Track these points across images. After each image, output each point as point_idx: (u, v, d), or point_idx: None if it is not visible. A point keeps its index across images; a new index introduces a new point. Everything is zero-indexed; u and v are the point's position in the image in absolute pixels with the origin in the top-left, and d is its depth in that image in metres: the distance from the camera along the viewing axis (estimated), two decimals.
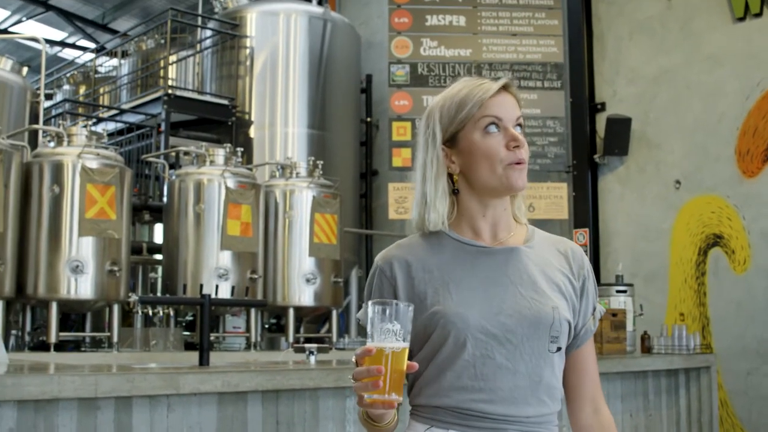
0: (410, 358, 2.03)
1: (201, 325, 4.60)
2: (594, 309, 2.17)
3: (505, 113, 2.05)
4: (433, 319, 2.01)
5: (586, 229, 9.50)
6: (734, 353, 8.23)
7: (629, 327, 7.05)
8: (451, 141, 2.09)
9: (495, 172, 2.03)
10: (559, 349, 2.04)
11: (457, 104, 2.07)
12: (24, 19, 17.48)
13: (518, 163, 2.02)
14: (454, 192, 2.11)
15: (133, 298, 6.44)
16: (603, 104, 9.73)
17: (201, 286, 8.00)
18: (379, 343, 1.78)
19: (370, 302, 1.83)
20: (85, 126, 7.96)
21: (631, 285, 7.51)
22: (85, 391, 3.49)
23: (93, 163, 7.53)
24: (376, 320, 1.79)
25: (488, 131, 2.04)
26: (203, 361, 4.44)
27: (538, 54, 9.80)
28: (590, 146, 9.68)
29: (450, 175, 2.10)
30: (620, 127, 9.34)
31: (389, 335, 1.78)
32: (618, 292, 7.33)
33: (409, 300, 2.02)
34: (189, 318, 8.96)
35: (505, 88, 2.08)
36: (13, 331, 7.79)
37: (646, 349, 7.28)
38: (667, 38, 9.27)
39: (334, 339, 9.12)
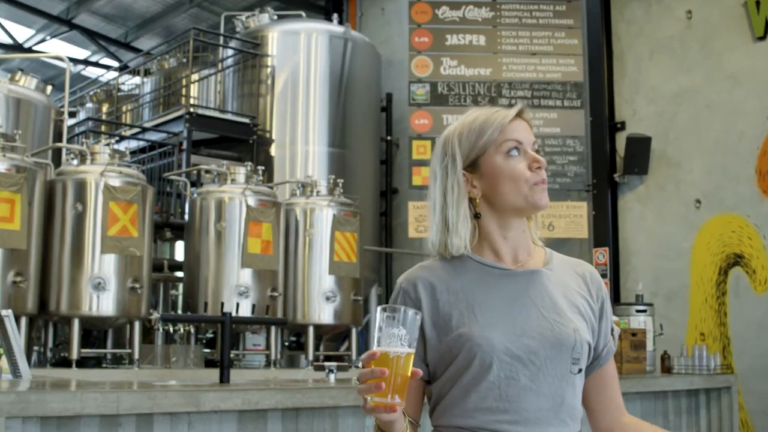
0: (434, 379, 2.09)
1: (222, 342, 4.64)
2: (612, 329, 2.22)
3: (524, 137, 2.12)
4: (459, 341, 2.04)
5: (606, 248, 9.49)
6: (755, 373, 8.18)
7: (649, 347, 7.04)
8: (472, 166, 2.14)
9: (521, 192, 2.08)
10: (580, 370, 2.08)
11: (477, 130, 2.13)
12: (48, 37, 17.66)
13: (542, 183, 2.10)
14: (476, 216, 2.15)
15: (155, 315, 6.48)
16: (623, 123, 9.74)
17: (222, 304, 8.03)
18: (384, 347, 1.81)
19: (379, 307, 1.85)
20: (108, 144, 8.05)
21: (651, 304, 7.50)
22: (107, 408, 3.53)
23: (116, 181, 7.60)
24: (384, 325, 1.82)
25: (510, 155, 2.10)
26: (224, 379, 4.47)
27: (558, 73, 9.83)
28: (610, 165, 9.68)
29: (470, 200, 2.14)
30: (640, 146, 9.35)
31: (395, 340, 1.81)
32: (638, 311, 7.32)
33: (434, 322, 2.08)
34: (209, 335, 9.00)
35: (519, 114, 2.16)
36: (36, 347, 7.85)
37: (667, 369, 7.25)
38: (687, 57, 9.27)
39: (354, 357, 9.13)
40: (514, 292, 2.09)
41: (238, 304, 8.11)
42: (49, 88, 9.47)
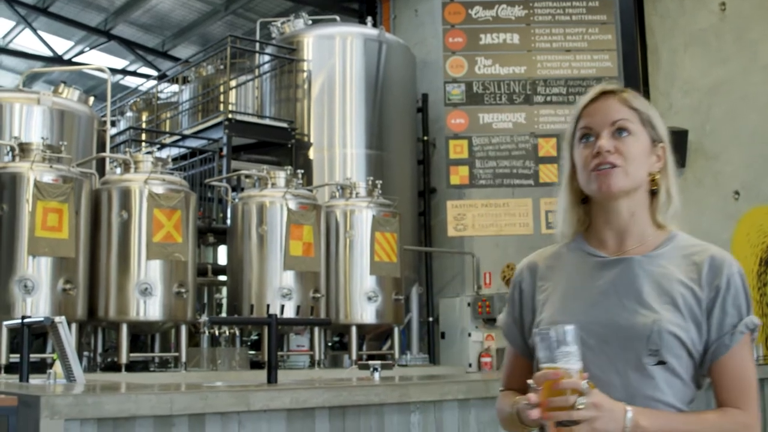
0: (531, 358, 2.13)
1: (269, 344, 4.72)
2: (740, 321, 2.03)
3: (596, 121, 2.09)
4: (539, 326, 2.07)
5: None
6: None
7: None
8: (573, 155, 2.16)
9: (585, 180, 2.08)
10: (662, 363, 1.97)
11: (571, 118, 2.17)
12: (87, 49, 17.93)
13: (603, 168, 2.03)
14: (583, 201, 2.16)
15: (203, 319, 6.62)
16: None
17: (268, 306, 8.15)
18: (559, 365, 1.84)
19: (535, 330, 1.92)
20: (150, 152, 8.20)
21: None
22: (161, 409, 3.63)
23: (159, 189, 7.75)
24: (552, 345, 1.85)
25: (584, 142, 2.10)
26: (272, 379, 4.56)
27: (593, 69, 9.82)
28: None
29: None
30: (677, 139, 9.30)
31: (567, 357, 1.84)
32: None
33: (528, 305, 2.16)
34: (254, 337, 9.12)
35: (608, 93, 2.12)
36: (85, 353, 8.02)
37: None
38: (722, 49, 9.25)
39: (397, 356, 9.22)
40: (602, 281, 2.06)
41: (283, 306, 8.23)
42: (92, 99, 9.64)
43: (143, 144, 11.40)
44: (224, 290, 9.53)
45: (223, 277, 9.40)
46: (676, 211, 2.15)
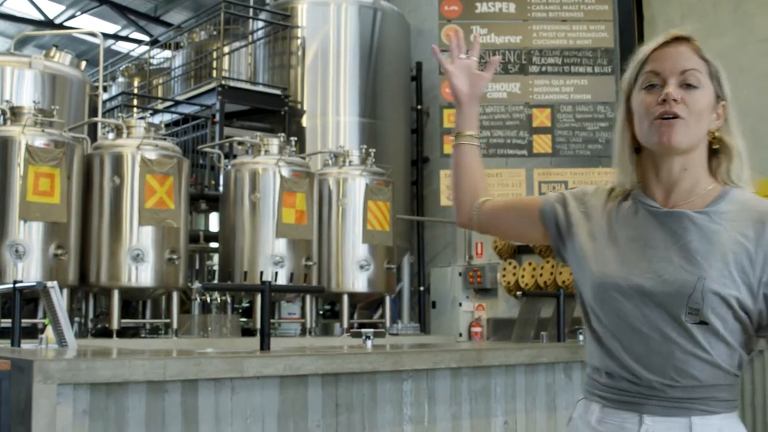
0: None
1: (262, 311, 4.72)
2: None
3: (665, 67, 1.97)
4: (587, 272, 2.03)
5: None
6: None
7: None
8: (629, 101, 2.04)
9: (644, 129, 1.96)
10: (703, 323, 1.86)
11: (632, 62, 2.05)
12: (78, 13, 17.79)
13: (667, 117, 1.93)
14: (637, 151, 2.05)
15: (197, 285, 6.61)
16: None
17: (261, 273, 8.15)
18: None
19: None
20: (143, 118, 8.16)
21: None
22: (154, 375, 3.62)
23: (152, 154, 7.72)
24: None
25: (648, 88, 1.97)
26: (264, 346, 4.56)
27: (588, 39, 9.78)
28: None
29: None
30: None
31: None
32: None
33: (578, 247, 2.09)
34: (245, 305, 9.12)
35: (680, 39, 2.01)
36: (77, 318, 8.01)
37: None
38: (720, 21, 9.20)
39: (387, 324, 9.24)
40: (652, 232, 1.98)
41: (276, 274, 8.23)
42: (84, 63, 9.57)
43: (135, 110, 11.33)
44: (216, 257, 9.52)
45: (214, 245, 9.39)
46: (741, 170, 2.03)
